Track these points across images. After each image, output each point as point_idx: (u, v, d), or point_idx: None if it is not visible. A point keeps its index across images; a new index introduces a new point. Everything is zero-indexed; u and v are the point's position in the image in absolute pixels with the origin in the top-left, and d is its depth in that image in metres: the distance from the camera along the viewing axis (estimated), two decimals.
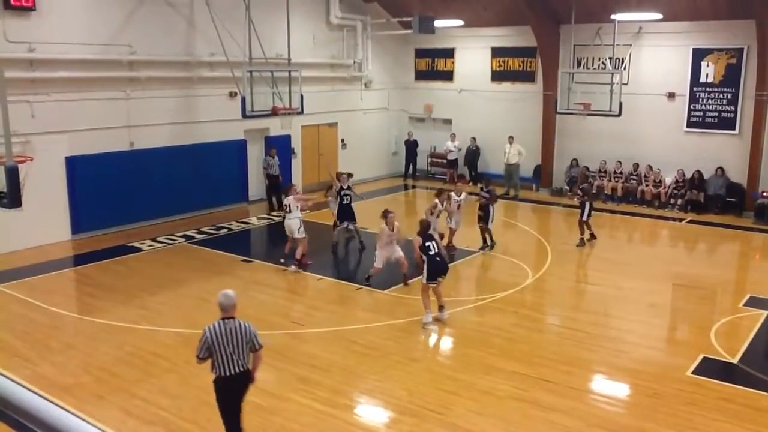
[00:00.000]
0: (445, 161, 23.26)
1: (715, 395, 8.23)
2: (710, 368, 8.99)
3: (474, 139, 22.54)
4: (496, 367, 8.95)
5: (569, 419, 7.63)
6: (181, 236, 15.54)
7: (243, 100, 15.22)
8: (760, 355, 9.71)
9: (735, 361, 9.26)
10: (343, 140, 22.22)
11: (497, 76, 22.44)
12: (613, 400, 8.30)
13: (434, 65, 23.80)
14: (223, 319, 6.26)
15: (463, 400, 8.05)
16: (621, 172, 20.06)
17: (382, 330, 10.24)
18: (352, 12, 21.46)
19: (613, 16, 18.17)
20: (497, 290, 12.06)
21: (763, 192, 17.78)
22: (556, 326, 10.73)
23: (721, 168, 18.49)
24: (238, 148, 18.50)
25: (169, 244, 14.99)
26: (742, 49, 18.04)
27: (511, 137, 21.03)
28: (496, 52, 22.31)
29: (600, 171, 20.36)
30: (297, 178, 20.36)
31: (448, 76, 23.49)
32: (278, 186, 18.23)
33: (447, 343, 10.24)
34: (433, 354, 9.85)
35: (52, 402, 2.02)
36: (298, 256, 13.09)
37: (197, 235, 15.69)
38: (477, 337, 10.06)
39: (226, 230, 16.35)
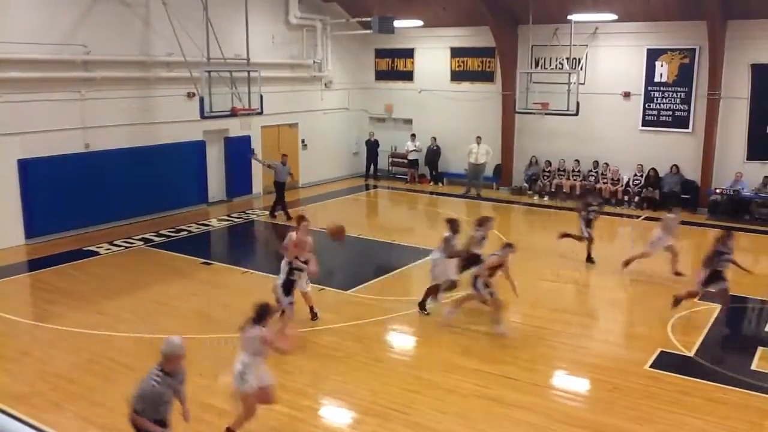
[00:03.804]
0: (406, 161, 23.34)
1: (672, 388, 8.41)
2: (667, 362, 9.18)
3: (434, 138, 22.65)
4: (458, 365, 9.01)
5: (532, 415, 7.72)
6: (139, 239, 15.27)
7: (201, 100, 15.05)
8: (715, 347, 9.94)
9: (691, 354, 9.47)
10: (303, 140, 22.11)
11: (457, 76, 22.58)
12: (574, 396, 8.43)
13: (394, 65, 23.84)
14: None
15: (427, 399, 8.08)
16: (579, 171, 20.37)
17: (345, 331, 10.22)
18: (312, 12, 21.36)
19: (569, 17, 18.46)
20: (458, 288, 12.09)
21: (716, 188, 18.25)
22: (518, 323, 10.81)
23: (675, 165, 18.88)
24: (197, 149, 18.24)
25: (127, 247, 14.72)
26: (695, 50, 18.46)
27: (479, 137, 21.13)
28: (456, 53, 22.46)
29: (559, 169, 20.63)
30: (257, 179, 20.21)
31: (408, 76, 23.55)
32: (283, 193, 17.45)
33: (410, 343, 10.26)
34: (397, 354, 9.84)
35: (5, 412, 1.95)
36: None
37: (156, 238, 15.43)
38: (439, 336, 10.10)
39: (185, 232, 16.11)
